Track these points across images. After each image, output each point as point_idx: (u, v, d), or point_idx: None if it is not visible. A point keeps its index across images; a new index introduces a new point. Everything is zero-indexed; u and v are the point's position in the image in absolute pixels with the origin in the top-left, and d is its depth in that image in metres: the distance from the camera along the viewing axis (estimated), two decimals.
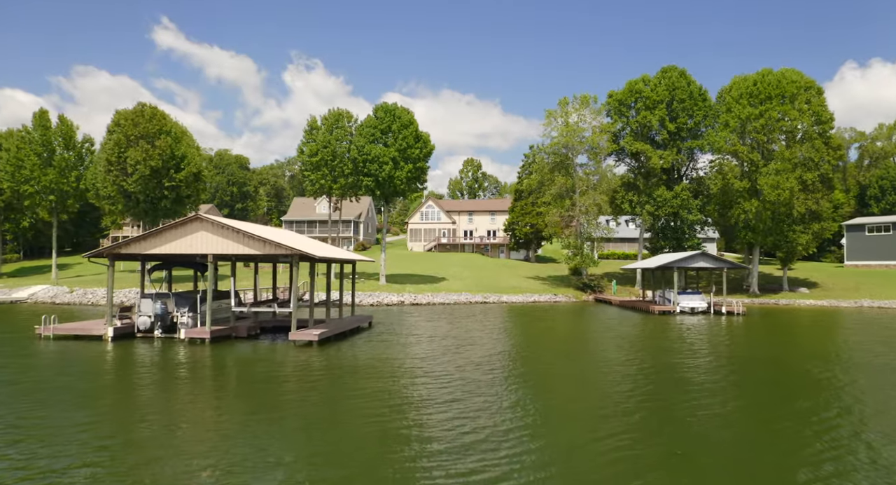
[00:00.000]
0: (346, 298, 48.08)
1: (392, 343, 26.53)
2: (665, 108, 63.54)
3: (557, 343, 28.99)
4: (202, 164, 56.16)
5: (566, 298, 60.96)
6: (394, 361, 21.50)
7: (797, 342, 30.86)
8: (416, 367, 20.73)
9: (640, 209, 64.19)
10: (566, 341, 29.63)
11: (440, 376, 18.99)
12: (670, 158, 62.85)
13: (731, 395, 17.36)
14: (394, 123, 54.98)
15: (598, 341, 29.04)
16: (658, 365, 22.05)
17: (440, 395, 16.41)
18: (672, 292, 45.73)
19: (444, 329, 32.98)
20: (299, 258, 24.85)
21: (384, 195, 55.91)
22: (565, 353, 25.50)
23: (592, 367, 21.60)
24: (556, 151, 64.16)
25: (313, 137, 56.22)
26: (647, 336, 31.71)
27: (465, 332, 31.71)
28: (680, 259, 44.06)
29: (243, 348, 24.66)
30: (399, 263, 76.15)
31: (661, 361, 23.16)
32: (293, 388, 17.51)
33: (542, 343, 28.81)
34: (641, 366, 21.87)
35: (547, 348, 26.88)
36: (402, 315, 42.11)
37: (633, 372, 20.46)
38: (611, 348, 26.57)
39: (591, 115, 63.45)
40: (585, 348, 26.65)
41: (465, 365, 21.05)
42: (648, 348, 26.68)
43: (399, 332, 31.09)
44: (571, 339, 30.80)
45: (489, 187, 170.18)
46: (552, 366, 21.93)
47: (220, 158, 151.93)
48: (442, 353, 24.10)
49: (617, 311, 48.99)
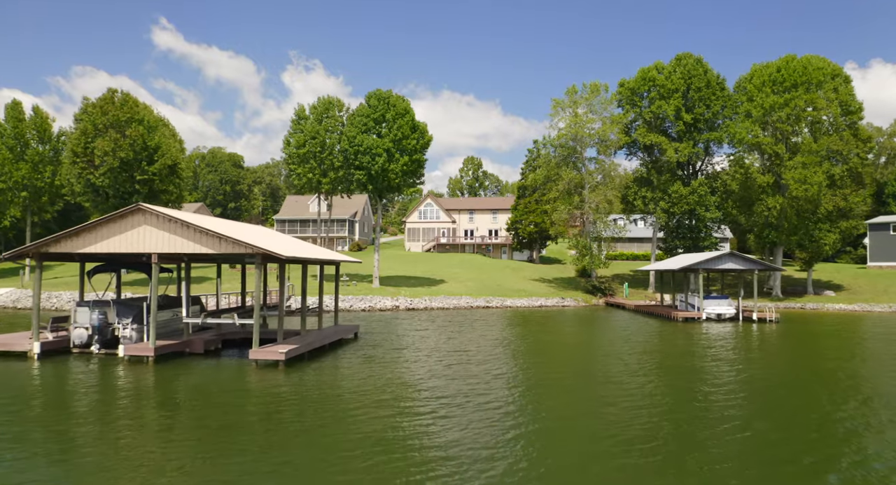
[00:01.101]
0: (340, 304, 44.28)
1: (375, 362, 21.95)
2: (681, 97, 58.98)
3: (573, 361, 24.40)
4: (179, 156, 51.42)
5: (575, 302, 56.40)
6: (370, 391, 16.90)
7: (863, 356, 26.25)
8: (399, 398, 16.15)
9: (654, 206, 59.64)
10: (583, 358, 25.02)
11: (429, 413, 14.43)
12: (687, 151, 58.29)
13: (831, 446, 12.78)
14: (388, 112, 50.44)
15: (621, 357, 24.46)
16: (703, 394, 17.49)
17: (426, 445, 11.84)
18: (696, 297, 41.15)
19: (440, 341, 28.41)
20: (262, 258, 20.28)
21: (377, 190, 51.34)
22: (584, 374, 20.92)
23: (624, 399, 17.01)
24: (563, 144, 59.63)
25: (301, 128, 51.70)
26: (677, 351, 27.10)
27: (464, 344, 27.16)
28: (706, 260, 39.48)
29: (191, 370, 20.08)
30: (395, 265, 71.58)
31: (704, 387, 18.59)
32: (226, 434, 12.93)
33: (554, 360, 24.23)
34: (687, 396, 17.29)
35: (561, 368, 22.30)
36: (396, 323, 37.57)
37: (679, 408, 15.89)
38: (639, 367, 21.97)
39: (601, 105, 58.90)
40: (608, 369, 22.04)
41: (461, 394, 16.49)
42: (684, 370, 22.09)
43: (388, 345, 26.52)
44: (589, 354, 26.19)
45: (490, 186, 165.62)
46: (571, 396, 17.36)
47: (213, 155, 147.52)
48: (435, 375, 19.53)
49: (633, 317, 44.40)
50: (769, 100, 55.55)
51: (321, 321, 26.76)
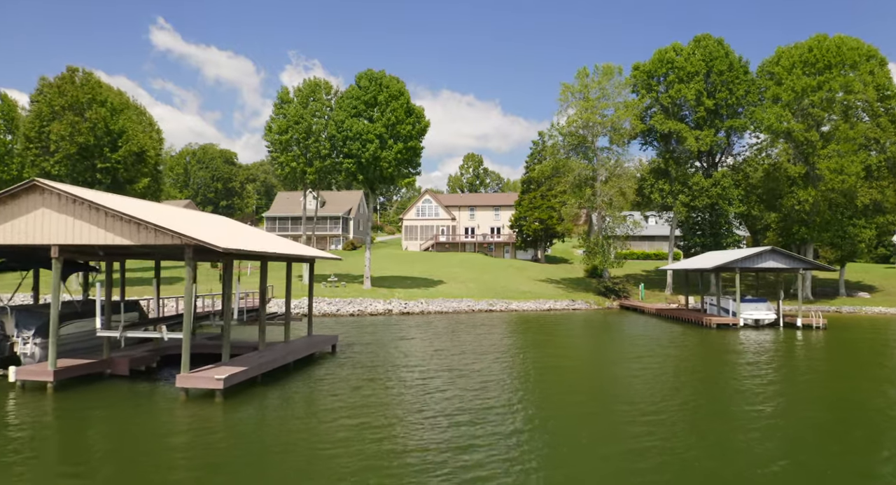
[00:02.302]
0: (326, 308, 38.78)
1: (349, 390, 16.84)
2: (702, 81, 53.86)
3: (596, 383, 19.23)
4: (148, 143, 46.28)
5: (586, 304, 51.28)
6: (330, 446, 11.76)
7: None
8: (372, 466, 11.04)
9: (672, 200, 54.47)
10: (610, 379, 19.85)
11: (407, 473, 9.34)
12: (708, 139, 53.15)
13: None
14: (380, 94, 45.30)
15: (657, 377, 19.38)
16: (789, 453, 12.40)
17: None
18: (730, 300, 36.02)
19: (436, 356, 23.29)
20: (194, 251, 15.12)
21: (368, 181, 46.18)
22: (620, 404, 15.79)
23: (677, 446, 11.89)
24: (573, 132, 54.49)
25: (283, 112, 46.56)
26: (726, 372, 21.95)
27: (460, 358, 22.06)
28: (743, 258, 34.35)
29: (97, 402, 14.97)
30: (390, 264, 66.47)
31: (790, 446, 13.49)
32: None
33: (577, 384, 19.09)
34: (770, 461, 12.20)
35: (583, 396, 17.17)
36: (387, 330, 32.46)
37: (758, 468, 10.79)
38: (693, 400, 16.86)
39: (614, 90, 53.79)
40: (643, 397, 16.91)
41: (452, 442, 11.38)
42: (752, 402, 16.96)
43: (371, 362, 21.40)
44: (614, 373, 21.03)
45: (491, 184, 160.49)
46: (610, 447, 12.23)
47: (205, 152, 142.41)
48: (427, 416, 14.42)
49: (655, 322, 39.26)
50: (801, 82, 50.45)
51: (288, 331, 21.60)
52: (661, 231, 78.75)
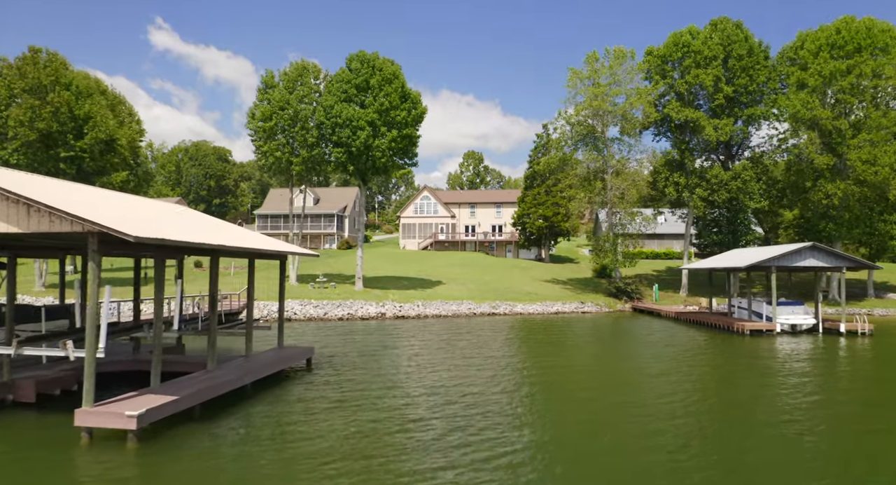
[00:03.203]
0: (312, 312, 37.22)
1: (310, 418, 12.98)
2: (720, 66, 49.98)
3: (621, 416, 15.30)
4: (118, 129, 42.39)
5: (596, 306, 47.40)
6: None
7: None
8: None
9: (689, 194, 50.58)
10: (638, 411, 15.90)
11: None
12: (728, 128, 49.24)
13: None
14: (372, 77, 41.43)
15: (694, 404, 15.53)
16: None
17: None
18: (763, 303, 32.13)
19: (424, 370, 19.44)
20: (100, 241, 11.20)
21: (359, 172, 42.27)
22: (646, 444, 11.89)
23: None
24: (581, 122, 50.62)
25: (268, 97, 42.68)
26: (781, 397, 18.07)
27: (456, 374, 18.22)
28: (780, 255, 30.43)
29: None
30: (386, 264, 62.64)
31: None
32: None
33: (590, 415, 15.16)
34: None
35: (607, 440, 13.25)
36: (377, 336, 28.60)
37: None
38: (743, 435, 13.00)
39: (626, 75, 49.93)
40: (684, 436, 13.04)
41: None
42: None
43: (350, 382, 17.54)
44: (641, 400, 17.10)
45: (492, 182, 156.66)
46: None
47: (197, 149, 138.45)
48: (399, 453, 10.55)
49: (673, 327, 35.37)
50: (829, 66, 46.55)
51: (250, 343, 17.69)
52: (672, 229, 74.87)
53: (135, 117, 60.72)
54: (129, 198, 17.70)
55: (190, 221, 17.59)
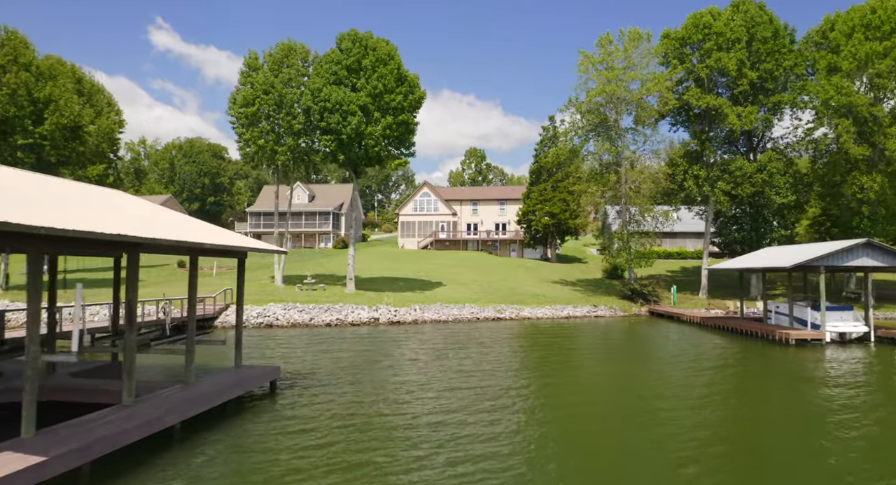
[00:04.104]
0: (296, 317, 32.33)
1: (257, 469, 9.11)
2: (744, 49, 46.05)
3: (656, 466, 11.40)
4: (84, 113, 38.55)
5: (610, 310, 43.49)
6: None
7: None
8: None
9: (709, 188, 46.64)
10: (677, 453, 12.00)
11: None
12: (753, 117, 45.29)
13: None
14: (365, 58, 37.56)
15: (752, 447, 11.65)
16: None
17: None
18: (808, 308, 28.18)
19: (412, 396, 15.59)
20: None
21: (350, 162, 38.36)
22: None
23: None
24: (593, 110, 46.71)
25: (251, 80, 38.84)
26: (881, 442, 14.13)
27: (450, 403, 14.36)
28: (830, 254, 26.48)
29: None
30: (382, 264, 58.84)
31: None
32: None
33: (617, 469, 11.29)
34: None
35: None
36: (366, 346, 24.72)
37: None
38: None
39: (642, 59, 46.01)
40: None
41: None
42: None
43: (321, 414, 13.69)
44: (680, 436, 13.22)
45: (494, 180, 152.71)
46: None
47: (192, 145, 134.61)
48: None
49: (700, 335, 31.43)
50: (864, 48, 42.60)
51: (191, 366, 13.77)
52: (685, 227, 70.95)
53: (114, 107, 57.00)
54: (35, 177, 13.80)
55: (108, 207, 13.70)
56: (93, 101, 53.94)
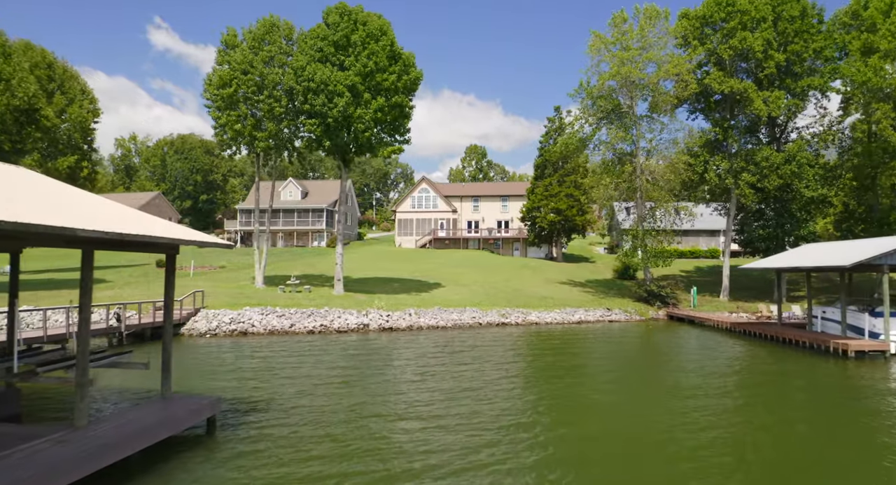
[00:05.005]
0: (275, 323, 26.69)
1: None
2: (771, 28, 42.14)
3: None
4: (35, 92, 34.55)
5: (625, 314, 39.56)
6: None
7: None
8: None
9: (733, 180, 42.71)
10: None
11: None
12: (780, 102, 41.36)
13: None
14: (354, 33, 33.63)
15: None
16: None
17: None
18: (864, 314, 24.28)
19: (390, 439, 11.65)
20: None
21: (338, 149, 34.40)
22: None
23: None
24: (606, 95, 42.79)
25: (228, 59, 34.91)
26: None
27: (437, 452, 10.44)
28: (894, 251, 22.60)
29: None
30: (377, 263, 54.94)
31: None
32: None
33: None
34: None
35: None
36: (347, 360, 20.81)
37: None
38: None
39: (658, 40, 42.09)
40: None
41: None
42: None
43: (256, 460, 9.74)
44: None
45: (496, 178, 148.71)
46: None
47: (183, 142, 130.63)
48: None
49: (732, 344, 27.49)
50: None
51: (84, 400, 9.83)
52: (697, 224, 66.86)
53: (88, 95, 53.08)
54: None
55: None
56: (64, 88, 50.11)
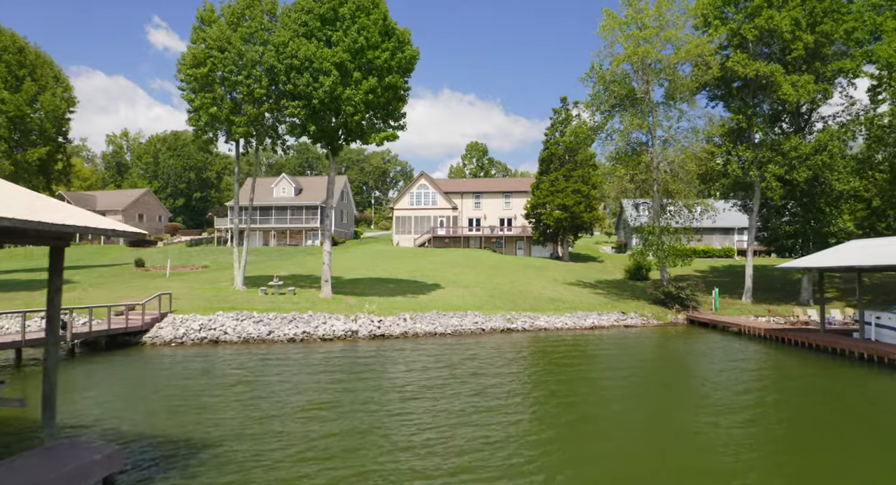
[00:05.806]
0: (250, 330, 22.40)
1: None
2: (799, 7, 38.65)
3: None
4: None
5: (642, 318, 36.07)
6: None
7: None
8: None
9: (757, 172, 39.22)
10: None
11: None
12: (810, 87, 37.83)
13: None
14: (343, 5, 30.13)
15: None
16: None
17: None
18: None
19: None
20: None
21: (324, 134, 30.88)
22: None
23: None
24: (619, 80, 39.31)
25: (204, 37, 31.44)
26: None
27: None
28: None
29: None
30: (372, 263, 51.45)
31: None
32: None
33: None
34: None
35: None
36: (328, 377, 17.34)
37: None
38: None
39: (677, 19, 38.64)
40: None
41: None
42: None
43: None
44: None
45: (497, 175, 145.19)
46: None
47: (176, 138, 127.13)
48: None
49: (766, 354, 23.99)
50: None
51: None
52: (711, 222, 63.42)
53: (62, 83, 49.62)
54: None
55: None
56: (36, 75, 46.69)
